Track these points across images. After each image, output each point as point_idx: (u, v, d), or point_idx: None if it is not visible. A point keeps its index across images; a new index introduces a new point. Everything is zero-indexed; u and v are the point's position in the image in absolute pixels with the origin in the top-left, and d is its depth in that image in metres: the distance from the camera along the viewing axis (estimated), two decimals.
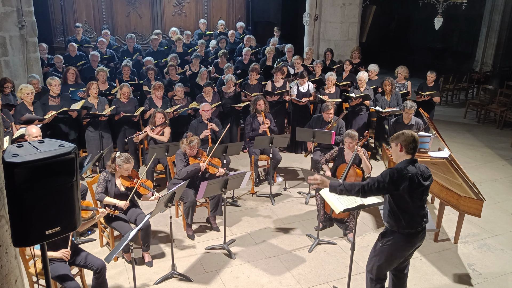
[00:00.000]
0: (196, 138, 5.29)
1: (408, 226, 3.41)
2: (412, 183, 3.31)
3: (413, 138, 3.41)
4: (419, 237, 3.49)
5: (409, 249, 3.52)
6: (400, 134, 3.48)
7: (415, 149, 3.43)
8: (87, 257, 3.93)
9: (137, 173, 4.82)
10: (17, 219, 2.02)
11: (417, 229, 3.45)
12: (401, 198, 3.37)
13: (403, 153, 3.43)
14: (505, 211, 5.94)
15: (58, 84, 6.45)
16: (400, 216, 3.40)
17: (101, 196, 4.53)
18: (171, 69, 8.03)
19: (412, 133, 3.45)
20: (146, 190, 4.68)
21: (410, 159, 3.42)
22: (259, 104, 6.49)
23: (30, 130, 4.98)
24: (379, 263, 3.58)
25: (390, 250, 3.50)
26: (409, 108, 6.28)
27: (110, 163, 4.65)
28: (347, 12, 9.53)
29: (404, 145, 3.41)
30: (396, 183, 3.31)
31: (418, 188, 3.36)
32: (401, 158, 3.45)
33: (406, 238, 3.45)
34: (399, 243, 3.47)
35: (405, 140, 3.41)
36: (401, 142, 3.42)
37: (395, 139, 3.48)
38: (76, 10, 10.89)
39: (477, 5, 12.21)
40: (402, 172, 3.32)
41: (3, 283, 2.16)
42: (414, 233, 3.45)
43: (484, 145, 8.53)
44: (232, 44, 10.33)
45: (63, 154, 2.08)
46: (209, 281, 4.43)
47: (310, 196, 6.21)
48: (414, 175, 3.32)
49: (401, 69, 7.84)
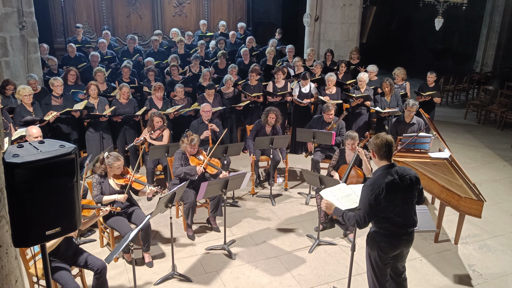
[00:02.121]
0: (197, 137, 5.29)
1: (389, 229, 3.32)
2: (389, 190, 3.20)
3: (384, 143, 3.25)
4: (403, 241, 3.38)
5: (392, 251, 3.41)
6: (372, 139, 3.34)
7: (390, 153, 3.28)
8: (88, 257, 3.93)
9: (128, 170, 4.82)
10: (17, 219, 2.02)
11: (400, 231, 3.34)
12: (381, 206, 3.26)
13: (377, 159, 3.33)
14: (506, 212, 5.94)
15: (61, 84, 6.46)
16: (381, 219, 3.32)
17: (99, 197, 4.53)
18: (173, 70, 8.03)
19: (384, 137, 3.29)
20: (140, 184, 4.68)
21: (386, 165, 3.29)
22: (271, 117, 6.29)
23: (31, 131, 4.99)
24: (371, 267, 3.52)
25: (375, 251, 3.43)
26: (411, 106, 6.27)
27: (98, 165, 4.63)
28: (347, 12, 9.54)
29: (376, 151, 3.30)
30: (378, 197, 3.19)
31: (397, 194, 3.25)
32: (379, 164, 3.35)
33: (386, 239, 3.36)
34: (379, 243, 3.38)
35: (376, 145, 3.28)
36: (372, 148, 3.31)
37: (369, 145, 3.36)
38: (76, 11, 10.90)
39: (478, 6, 12.21)
40: (376, 183, 3.22)
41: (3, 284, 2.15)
42: (396, 235, 3.35)
43: (485, 145, 8.53)
44: (233, 45, 10.33)
45: (63, 154, 2.08)
46: (209, 282, 4.43)
47: (311, 196, 6.21)
48: (390, 181, 3.21)
49: (398, 70, 7.83)
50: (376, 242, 3.41)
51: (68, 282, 3.67)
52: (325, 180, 4.78)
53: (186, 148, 5.28)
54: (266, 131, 6.46)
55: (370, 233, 3.50)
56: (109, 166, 4.57)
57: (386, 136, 3.31)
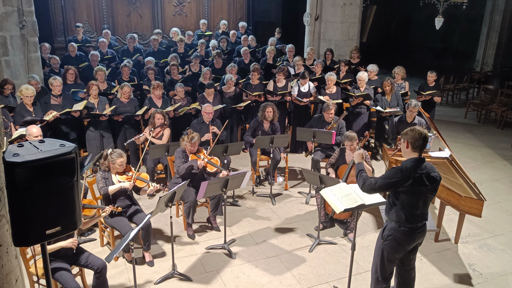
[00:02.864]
0: (197, 135, 5.30)
1: (408, 221, 3.42)
2: (415, 183, 3.31)
3: (421, 136, 3.36)
4: (419, 232, 3.50)
5: (409, 243, 3.52)
6: (409, 130, 3.44)
7: (423, 147, 3.39)
8: (88, 257, 3.93)
9: (131, 167, 4.82)
10: (17, 218, 2.02)
11: (417, 225, 3.46)
12: (404, 195, 3.38)
13: (409, 150, 3.41)
14: (506, 211, 5.94)
15: (60, 84, 6.46)
16: (401, 211, 3.41)
17: (105, 189, 4.50)
18: (173, 69, 8.03)
19: (421, 130, 3.40)
20: (143, 182, 4.68)
21: (417, 157, 3.39)
22: (268, 111, 6.32)
23: (31, 130, 4.98)
24: (381, 260, 3.59)
25: (390, 244, 3.51)
26: (413, 106, 6.28)
27: (102, 161, 4.66)
28: (347, 12, 9.53)
29: (411, 142, 3.39)
30: (400, 182, 3.31)
31: (422, 188, 3.35)
32: (408, 155, 3.44)
33: (405, 232, 3.45)
34: (398, 237, 3.47)
35: (412, 137, 3.38)
36: (408, 139, 3.40)
37: (403, 135, 3.46)
38: (76, 10, 10.90)
39: (478, 5, 12.20)
40: (406, 172, 3.32)
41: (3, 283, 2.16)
42: (414, 228, 3.45)
43: (485, 145, 8.52)
44: (233, 44, 10.33)
45: (63, 154, 2.08)
46: (209, 281, 4.43)
47: (311, 196, 6.21)
48: (420, 175, 3.31)
49: (398, 69, 7.82)
50: (394, 237, 3.48)
51: (68, 281, 3.67)
52: (325, 179, 4.78)
53: (186, 146, 5.28)
54: (265, 128, 6.47)
55: (388, 228, 3.54)
56: (112, 163, 4.57)
57: (423, 130, 3.41)
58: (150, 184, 4.71)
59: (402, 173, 3.32)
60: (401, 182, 3.31)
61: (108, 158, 4.59)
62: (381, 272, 3.63)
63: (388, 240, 3.52)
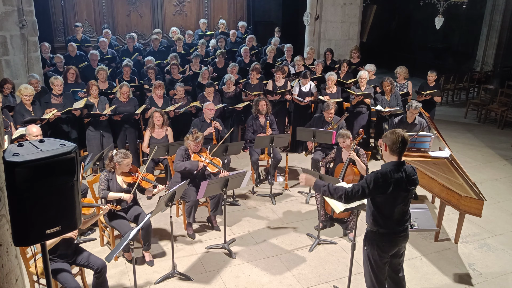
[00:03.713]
0: (201, 135, 5.31)
1: (387, 227, 3.34)
2: (396, 188, 3.22)
3: (400, 139, 3.23)
4: (400, 237, 3.40)
5: (391, 248, 3.42)
6: (388, 133, 3.33)
7: (402, 150, 3.28)
8: (88, 256, 3.93)
9: (137, 168, 4.82)
10: (17, 218, 2.02)
11: (398, 229, 3.37)
12: (383, 201, 3.30)
13: (388, 153, 3.32)
14: (506, 211, 5.94)
15: (61, 83, 6.46)
16: (380, 217, 3.33)
17: (105, 192, 4.52)
18: (174, 68, 8.03)
19: (401, 133, 3.27)
20: (149, 183, 4.68)
21: (396, 161, 3.29)
22: (261, 105, 6.44)
23: (31, 130, 4.98)
24: (371, 267, 3.51)
25: (372, 250, 3.44)
26: (414, 108, 6.28)
27: (108, 162, 4.65)
28: (347, 11, 9.52)
29: (389, 145, 3.28)
30: (380, 188, 3.21)
31: (402, 192, 3.27)
32: (388, 159, 3.34)
33: (385, 238, 3.37)
34: (379, 243, 3.39)
35: (390, 140, 3.26)
36: (386, 142, 3.30)
37: (383, 138, 3.36)
38: (76, 10, 10.89)
39: (478, 5, 12.19)
40: (386, 176, 3.21)
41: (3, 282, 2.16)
42: (393, 233, 3.37)
43: (485, 145, 8.52)
44: (233, 44, 10.32)
45: (63, 153, 2.08)
46: (209, 281, 4.44)
47: (311, 195, 6.21)
48: (399, 179, 3.22)
49: (400, 69, 7.81)
50: (375, 242, 3.41)
51: (68, 281, 3.67)
52: (325, 178, 4.78)
53: (190, 145, 5.27)
54: (261, 122, 6.51)
55: (367, 233, 3.50)
56: (118, 164, 4.56)
57: (403, 133, 3.28)
58: (157, 185, 4.70)
59: (383, 177, 3.21)
60: (383, 187, 3.20)
61: (114, 159, 4.57)
62: (374, 278, 3.54)
63: (370, 246, 3.45)
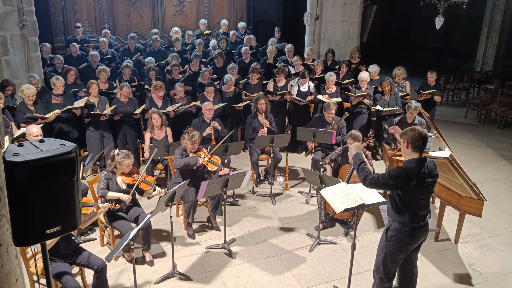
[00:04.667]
0: (197, 133, 5.30)
1: (412, 221, 3.43)
2: (419, 183, 3.32)
3: (420, 135, 3.36)
4: (423, 231, 3.51)
5: (413, 243, 3.54)
6: (408, 130, 3.44)
7: (423, 147, 3.40)
8: (88, 256, 3.93)
9: (137, 169, 4.82)
10: (17, 218, 2.02)
11: (420, 224, 3.47)
12: (407, 195, 3.39)
13: (410, 150, 3.42)
14: (506, 211, 5.93)
15: (62, 84, 6.47)
16: (404, 211, 3.42)
17: (104, 192, 4.52)
18: (174, 69, 8.03)
19: (421, 130, 3.40)
20: (148, 185, 4.68)
21: (418, 157, 3.40)
22: (260, 103, 6.45)
23: (31, 129, 4.99)
24: (385, 259, 3.59)
25: (395, 245, 3.52)
26: (413, 108, 6.29)
27: (109, 162, 4.66)
28: (348, 11, 9.53)
29: (410, 142, 3.39)
30: (404, 182, 3.32)
31: (425, 188, 3.37)
32: (409, 156, 3.44)
33: (409, 232, 3.46)
34: (403, 238, 3.48)
35: (412, 137, 3.38)
36: (408, 139, 3.41)
37: (403, 135, 3.47)
38: (77, 10, 10.89)
39: (478, 5, 12.19)
40: (410, 172, 3.32)
41: (3, 282, 2.16)
42: (417, 228, 3.47)
43: (485, 145, 8.52)
44: (233, 44, 10.32)
45: (63, 153, 2.08)
46: (209, 281, 4.44)
47: (311, 195, 6.21)
48: (422, 175, 3.32)
49: (399, 70, 7.82)
50: (398, 237, 3.49)
51: (68, 281, 3.67)
52: (326, 179, 4.78)
53: (186, 144, 5.27)
54: (260, 121, 6.51)
55: (392, 228, 3.54)
56: (119, 164, 4.57)
57: (422, 130, 3.42)
58: (155, 187, 4.70)
59: (406, 173, 3.32)
60: (405, 182, 3.31)
61: (116, 159, 4.58)
62: (384, 272, 3.64)
63: (393, 240, 3.52)
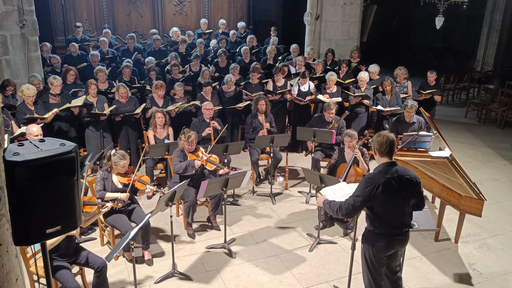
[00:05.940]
0: (194, 133, 5.29)
1: (383, 228, 3.33)
2: (385, 188, 3.21)
3: (386, 140, 3.26)
4: (398, 240, 3.37)
5: (387, 249, 3.39)
6: (375, 136, 3.36)
7: (391, 151, 3.30)
8: (88, 256, 3.94)
9: (133, 169, 4.83)
10: (18, 217, 2.02)
11: (395, 232, 3.34)
12: (375, 203, 3.28)
13: (378, 156, 3.35)
14: (506, 211, 5.94)
15: (60, 84, 6.47)
16: (374, 219, 3.33)
17: (102, 193, 4.56)
18: (174, 69, 8.03)
19: (388, 135, 3.31)
20: (143, 185, 4.68)
21: (387, 162, 3.30)
22: (260, 104, 6.45)
23: (31, 129, 4.99)
24: (367, 265, 3.51)
25: (369, 249, 3.43)
26: (409, 107, 6.30)
27: (106, 161, 4.69)
28: (348, 11, 9.52)
29: (377, 148, 3.32)
30: (371, 192, 3.22)
31: (392, 194, 3.24)
32: (379, 161, 3.36)
33: (381, 237, 3.35)
34: (374, 242, 3.38)
35: (377, 142, 3.30)
36: (374, 145, 3.34)
37: (372, 143, 3.39)
38: (77, 9, 10.88)
39: (478, 5, 12.18)
40: (374, 179, 3.23)
41: (4, 282, 2.16)
42: (391, 234, 3.34)
43: (485, 144, 8.52)
44: (233, 44, 10.32)
45: (64, 153, 2.08)
46: (209, 280, 4.44)
47: (311, 195, 6.22)
48: (388, 179, 3.21)
49: (400, 70, 7.82)
50: (371, 242, 3.41)
51: (69, 280, 3.68)
52: (326, 178, 4.78)
53: (184, 145, 5.28)
54: (260, 120, 6.51)
55: (365, 232, 3.50)
56: (115, 164, 4.59)
57: (388, 134, 3.32)
58: (149, 186, 4.71)
59: (371, 181, 3.23)
60: (373, 190, 3.21)
61: (112, 159, 4.60)
62: (371, 278, 3.53)
63: (366, 245, 3.45)
